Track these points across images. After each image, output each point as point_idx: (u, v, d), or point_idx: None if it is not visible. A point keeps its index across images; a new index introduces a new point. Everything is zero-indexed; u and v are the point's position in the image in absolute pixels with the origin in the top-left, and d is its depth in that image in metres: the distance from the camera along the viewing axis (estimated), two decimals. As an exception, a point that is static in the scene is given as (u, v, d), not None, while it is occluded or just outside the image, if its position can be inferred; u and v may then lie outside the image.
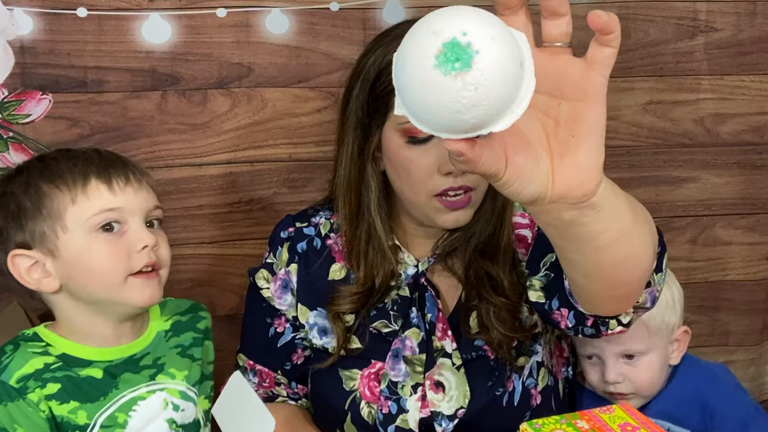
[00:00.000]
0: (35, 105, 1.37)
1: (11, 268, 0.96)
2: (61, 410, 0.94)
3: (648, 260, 0.86)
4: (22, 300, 1.41)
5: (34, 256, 0.95)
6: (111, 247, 0.94)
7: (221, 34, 1.40)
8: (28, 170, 0.98)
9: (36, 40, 1.35)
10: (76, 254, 0.94)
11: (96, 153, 0.99)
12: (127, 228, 0.96)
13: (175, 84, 1.41)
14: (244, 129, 1.44)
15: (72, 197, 0.94)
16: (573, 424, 0.97)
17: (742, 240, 1.64)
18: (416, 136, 1.03)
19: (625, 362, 1.20)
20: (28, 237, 0.95)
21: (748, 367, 1.69)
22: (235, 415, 1.00)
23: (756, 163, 1.60)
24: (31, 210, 0.94)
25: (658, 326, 1.19)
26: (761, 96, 1.57)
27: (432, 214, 1.08)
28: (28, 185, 0.96)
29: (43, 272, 0.96)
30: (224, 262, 1.48)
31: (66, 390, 0.94)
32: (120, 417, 0.96)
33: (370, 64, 1.06)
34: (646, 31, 1.51)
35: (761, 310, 1.66)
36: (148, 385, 1.00)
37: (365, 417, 1.13)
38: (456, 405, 1.10)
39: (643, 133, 1.56)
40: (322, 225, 1.21)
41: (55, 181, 0.95)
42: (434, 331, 1.12)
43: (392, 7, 1.42)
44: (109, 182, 0.95)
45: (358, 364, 1.15)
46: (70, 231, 0.94)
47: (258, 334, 1.22)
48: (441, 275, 1.16)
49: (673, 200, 1.60)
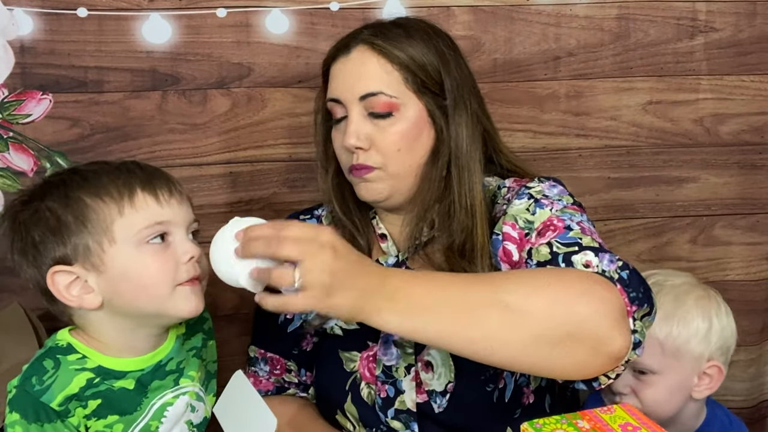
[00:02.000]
0: (35, 105, 1.37)
1: (50, 286, 0.92)
2: (98, 425, 0.94)
3: (513, 345, 0.88)
4: (22, 300, 1.41)
5: (75, 272, 0.92)
6: (160, 259, 0.92)
7: (221, 34, 1.40)
8: (65, 183, 0.94)
9: (36, 40, 1.35)
10: (124, 267, 0.92)
11: (135, 165, 0.97)
12: (172, 239, 0.94)
13: (175, 84, 1.41)
14: (244, 129, 1.44)
15: (119, 209, 0.91)
16: (574, 424, 0.97)
17: (742, 240, 1.64)
18: (334, 117, 1.14)
19: (634, 376, 1.16)
20: (70, 252, 0.91)
21: (748, 367, 1.69)
22: (236, 415, 1.00)
23: (756, 163, 1.60)
24: (73, 224, 0.91)
25: (678, 349, 1.13)
26: (761, 96, 1.57)
27: (355, 189, 1.15)
28: (69, 198, 0.92)
29: (85, 288, 0.93)
30: (224, 262, 1.48)
31: (104, 405, 0.93)
32: (153, 425, 0.97)
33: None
34: (646, 31, 1.51)
35: (761, 310, 1.66)
36: (173, 391, 1.00)
37: (365, 397, 1.15)
38: (444, 380, 1.12)
39: (643, 133, 1.56)
40: (324, 216, 1.25)
41: (99, 193, 0.91)
42: None
43: (392, 7, 1.42)
44: (155, 194, 0.93)
45: (357, 346, 1.17)
46: (117, 244, 0.91)
47: (268, 322, 1.25)
48: (423, 266, 1.16)
49: (673, 200, 1.60)
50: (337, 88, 1.12)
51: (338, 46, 1.14)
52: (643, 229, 1.61)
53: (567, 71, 1.51)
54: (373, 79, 1.10)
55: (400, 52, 1.10)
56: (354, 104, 1.10)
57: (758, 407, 1.72)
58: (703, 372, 1.17)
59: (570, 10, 1.48)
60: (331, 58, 1.14)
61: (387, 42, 1.10)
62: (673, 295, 1.16)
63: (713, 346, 1.16)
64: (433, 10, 1.45)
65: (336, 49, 1.14)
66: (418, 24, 1.16)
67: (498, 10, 1.46)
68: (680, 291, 1.17)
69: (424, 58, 1.11)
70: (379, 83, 1.10)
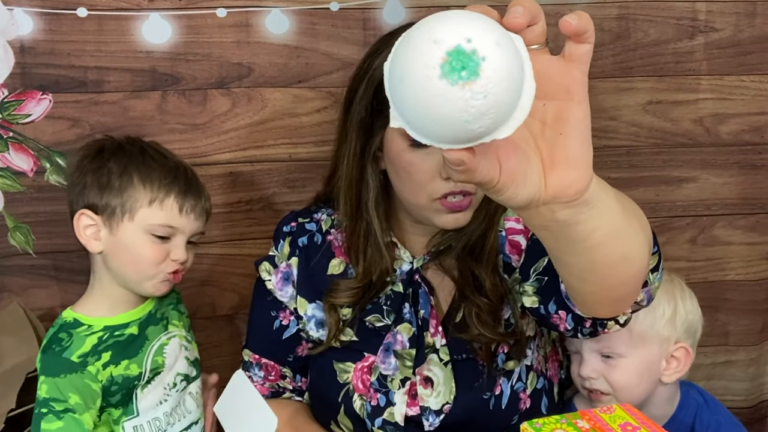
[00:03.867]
0: (35, 105, 1.37)
1: (75, 220, 1.14)
2: (118, 370, 1.13)
3: (642, 259, 0.85)
4: (22, 300, 1.41)
5: (96, 221, 1.14)
6: (156, 250, 1.13)
7: (221, 34, 1.40)
8: (129, 157, 1.15)
9: (36, 40, 1.35)
10: (128, 241, 1.13)
11: (184, 171, 1.17)
12: (173, 241, 1.15)
13: (175, 84, 1.41)
14: (244, 129, 1.44)
15: (150, 201, 1.12)
16: (573, 423, 0.97)
17: (742, 240, 1.64)
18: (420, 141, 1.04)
19: (602, 360, 1.18)
20: (101, 205, 1.13)
21: (748, 367, 1.69)
22: (237, 414, 1.01)
23: (756, 163, 1.60)
24: (116, 190, 1.12)
25: (645, 333, 1.15)
26: (761, 96, 1.57)
27: (431, 216, 1.08)
28: (125, 171, 1.13)
29: (95, 235, 1.14)
30: (224, 261, 1.49)
31: (116, 353, 1.13)
32: (159, 360, 1.18)
33: (377, 66, 1.07)
34: (646, 31, 1.51)
35: (761, 310, 1.66)
36: (165, 334, 1.21)
37: (357, 410, 1.14)
38: (442, 400, 1.11)
39: (643, 133, 1.56)
40: (324, 221, 1.24)
41: (145, 181, 1.13)
42: (427, 327, 1.13)
43: (392, 7, 1.42)
44: (182, 205, 1.14)
45: (352, 357, 1.16)
46: (133, 223, 1.13)
47: (263, 328, 1.24)
48: (435, 273, 1.17)
49: (672, 200, 1.60)
50: None
51: None
52: (643, 229, 1.61)
53: (567, 71, 1.51)
54: None
55: None
56: None
57: (758, 407, 1.72)
58: (671, 355, 1.18)
59: (570, 10, 1.48)
60: None
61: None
62: None
63: (679, 329, 1.18)
64: (433, 10, 1.44)
65: None
66: None
67: (498, 10, 1.46)
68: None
69: None
70: None
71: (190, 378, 1.23)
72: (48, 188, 1.41)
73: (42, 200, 1.41)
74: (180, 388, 1.20)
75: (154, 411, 1.17)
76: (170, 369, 1.19)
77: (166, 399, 1.18)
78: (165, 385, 1.18)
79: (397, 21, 1.42)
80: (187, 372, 1.22)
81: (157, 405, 1.17)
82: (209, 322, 1.50)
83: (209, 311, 1.51)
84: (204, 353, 1.33)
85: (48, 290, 1.45)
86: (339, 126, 1.16)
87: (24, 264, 1.43)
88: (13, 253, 1.42)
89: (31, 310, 1.41)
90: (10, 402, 1.22)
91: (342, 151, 1.14)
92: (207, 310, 1.50)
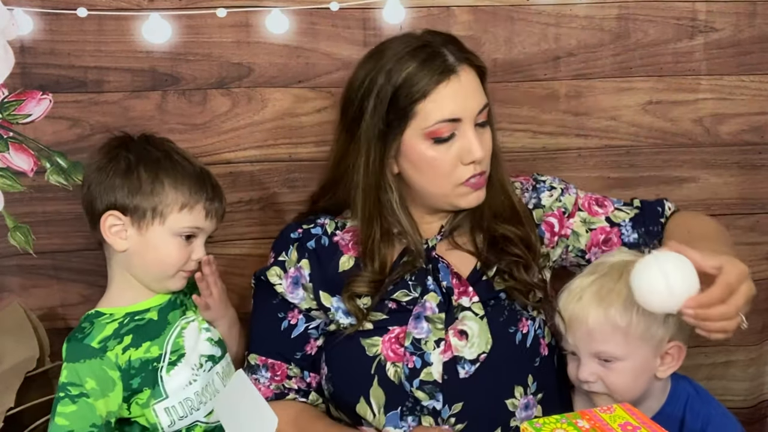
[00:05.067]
0: (35, 105, 1.37)
1: (102, 220, 1.18)
2: (138, 353, 1.17)
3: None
4: (22, 300, 1.41)
5: (124, 221, 1.18)
6: (181, 252, 1.20)
7: (221, 34, 1.40)
8: (158, 162, 1.19)
9: (36, 40, 1.35)
10: (157, 242, 1.18)
11: (209, 176, 1.23)
12: (195, 241, 1.21)
13: (175, 84, 1.41)
14: (244, 129, 1.44)
15: (181, 206, 1.18)
16: (574, 423, 0.97)
17: (742, 240, 1.64)
18: (441, 137, 1.17)
19: (599, 363, 1.18)
20: (131, 206, 1.17)
21: (748, 367, 1.69)
22: (237, 413, 1.01)
23: (756, 163, 1.60)
24: (148, 194, 1.17)
25: (641, 335, 1.15)
26: (761, 96, 1.57)
27: (456, 200, 1.22)
28: (156, 177, 1.18)
29: (121, 234, 1.18)
30: (224, 261, 1.48)
31: (137, 336, 1.18)
32: (179, 342, 1.21)
33: (383, 83, 1.17)
34: (645, 31, 1.51)
35: (761, 310, 1.66)
36: (184, 319, 1.25)
37: (391, 377, 1.20)
38: (478, 350, 1.20)
39: (643, 133, 1.56)
40: (328, 225, 1.29)
41: (177, 188, 1.18)
42: (452, 293, 1.23)
43: (392, 7, 1.42)
44: (209, 211, 1.21)
45: (378, 332, 1.22)
46: (163, 226, 1.18)
47: (270, 330, 1.27)
48: (449, 251, 1.27)
49: (672, 200, 1.60)
50: (454, 109, 1.16)
51: (435, 70, 1.15)
52: (643, 229, 1.61)
53: (567, 71, 1.51)
54: (479, 92, 1.20)
55: (480, 63, 1.21)
56: (470, 120, 1.17)
57: (758, 407, 1.72)
58: (665, 352, 1.19)
59: (570, 10, 1.48)
60: (434, 83, 1.15)
61: (474, 56, 1.21)
62: (622, 279, 1.16)
63: (672, 328, 1.17)
64: (433, 10, 1.45)
65: (435, 72, 1.15)
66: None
67: (498, 10, 1.47)
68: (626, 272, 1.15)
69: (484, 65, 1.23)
70: (482, 96, 1.20)
71: (216, 358, 1.25)
72: (48, 188, 1.41)
73: (42, 200, 1.41)
74: (207, 368, 1.23)
75: (185, 391, 1.19)
76: (193, 350, 1.22)
77: (195, 379, 1.21)
78: (192, 366, 1.21)
79: (397, 21, 1.43)
80: (211, 353, 1.25)
81: (187, 385, 1.20)
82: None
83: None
84: (204, 353, 1.33)
85: (48, 290, 1.45)
86: (343, 139, 1.24)
87: (24, 264, 1.43)
88: (13, 253, 1.42)
89: (31, 310, 1.41)
90: (9, 401, 1.23)
91: (350, 161, 1.22)
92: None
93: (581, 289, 1.18)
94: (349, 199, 1.25)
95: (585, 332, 1.16)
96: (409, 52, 1.17)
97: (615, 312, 1.14)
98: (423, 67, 1.15)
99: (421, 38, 1.20)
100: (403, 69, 1.16)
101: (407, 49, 1.17)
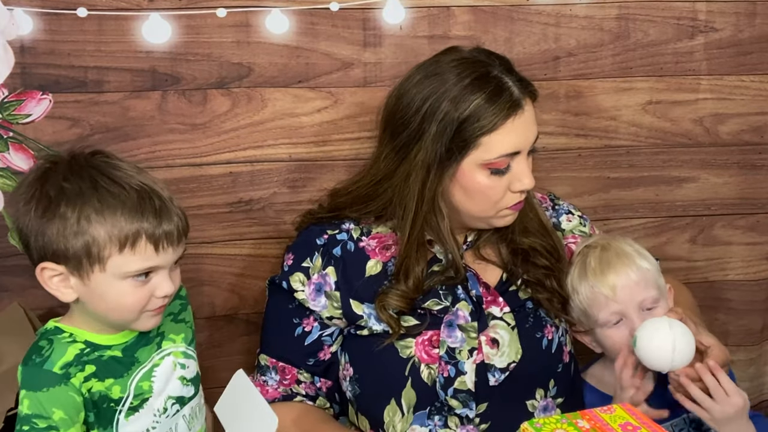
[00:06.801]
0: (35, 105, 1.37)
1: (38, 274, 1.02)
2: (100, 386, 1.04)
3: None
4: (22, 300, 1.41)
5: (61, 271, 1.01)
6: (138, 293, 1.01)
7: (221, 34, 1.40)
8: (81, 195, 0.99)
9: (36, 40, 1.35)
10: (104, 291, 1.01)
11: (149, 198, 1.01)
12: (154, 276, 1.02)
13: (175, 84, 1.41)
14: (244, 129, 1.44)
15: (120, 249, 0.98)
16: (574, 423, 0.97)
17: (742, 240, 1.64)
18: (499, 168, 1.19)
19: (648, 314, 1.27)
20: (61, 254, 0.99)
21: (748, 367, 1.70)
22: (237, 414, 1.01)
23: (756, 163, 1.61)
24: (80, 241, 0.98)
25: (656, 277, 1.31)
26: (761, 96, 1.57)
27: (495, 221, 1.25)
28: (81, 217, 0.98)
29: (65, 284, 1.02)
30: (224, 261, 1.48)
31: (100, 370, 1.04)
32: (145, 385, 1.07)
33: (448, 111, 1.16)
34: (645, 31, 1.51)
35: (761, 310, 1.66)
36: (158, 353, 1.10)
37: (425, 379, 1.22)
38: (508, 360, 1.23)
39: (643, 133, 1.56)
40: (353, 230, 1.29)
41: (107, 220, 0.98)
42: (482, 302, 1.25)
43: (392, 7, 1.42)
44: (158, 244, 1.00)
45: (412, 335, 1.23)
46: (106, 273, 1.00)
47: (283, 334, 1.27)
48: (474, 262, 1.30)
49: (672, 200, 1.61)
50: (517, 143, 1.18)
51: (503, 106, 1.16)
52: (642, 229, 1.61)
53: (567, 71, 1.51)
54: (535, 123, 1.22)
55: (536, 91, 1.22)
56: (526, 151, 1.21)
57: (758, 407, 1.72)
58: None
59: (570, 10, 1.48)
60: (502, 118, 1.16)
61: (533, 87, 1.21)
62: (612, 245, 1.32)
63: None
64: (433, 10, 1.45)
65: (504, 108, 1.16)
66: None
67: (498, 10, 1.47)
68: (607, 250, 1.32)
69: None
70: (536, 125, 1.22)
71: (184, 400, 1.12)
72: (48, 188, 1.41)
73: (42, 200, 1.41)
74: (171, 412, 1.10)
75: None
76: (160, 394, 1.09)
77: (154, 426, 1.08)
78: (155, 412, 1.08)
79: (397, 21, 1.43)
80: (181, 394, 1.11)
81: None
82: (209, 322, 1.50)
83: (209, 311, 1.50)
84: (204, 353, 1.33)
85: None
86: (391, 159, 1.22)
87: (24, 264, 1.41)
88: (13, 253, 1.42)
89: (31, 310, 1.41)
90: (9, 401, 1.22)
91: (397, 182, 1.22)
92: (207, 310, 1.50)
93: (602, 261, 1.29)
94: (385, 215, 1.26)
95: (629, 289, 1.27)
96: (474, 82, 1.16)
97: (640, 263, 1.29)
98: (491, 102, 1.15)
99: (480, 63, 1.19)
100: (470, 100, 1.16)
101: (471, 77, 1.16)
